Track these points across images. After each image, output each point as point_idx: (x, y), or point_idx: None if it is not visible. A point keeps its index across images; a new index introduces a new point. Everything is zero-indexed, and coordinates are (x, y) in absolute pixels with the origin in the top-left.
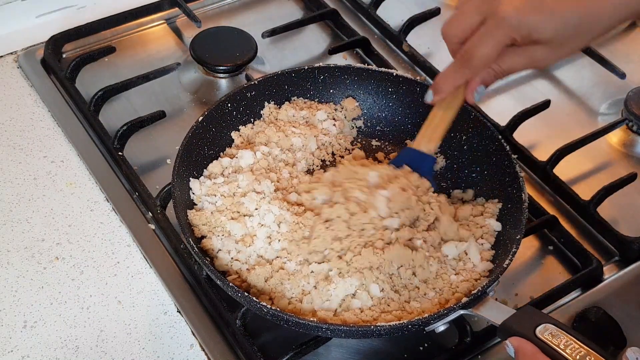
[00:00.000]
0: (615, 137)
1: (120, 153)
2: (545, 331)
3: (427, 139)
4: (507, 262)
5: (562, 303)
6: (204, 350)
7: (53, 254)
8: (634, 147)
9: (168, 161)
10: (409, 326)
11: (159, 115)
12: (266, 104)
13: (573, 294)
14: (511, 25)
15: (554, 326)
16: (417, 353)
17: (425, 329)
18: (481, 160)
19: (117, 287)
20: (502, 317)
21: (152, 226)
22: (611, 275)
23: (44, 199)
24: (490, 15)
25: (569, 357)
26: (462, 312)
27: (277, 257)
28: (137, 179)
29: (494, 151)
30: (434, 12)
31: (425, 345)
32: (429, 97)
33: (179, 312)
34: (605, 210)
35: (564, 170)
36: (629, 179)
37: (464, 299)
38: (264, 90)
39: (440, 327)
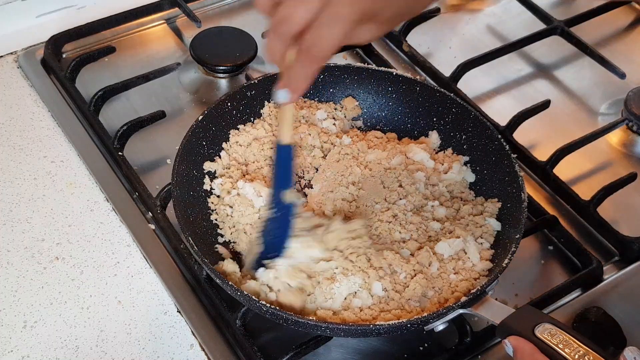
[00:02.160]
0: (615, 137)
1: (120, 153)
2: (544, 330)
3: (290, 133)
4: (506, 261)
5: (562, 303)
6: (204, 350)
7: (53, 254)
8: (634, 147)
9: (168, 161)
10: (408, 325)
11: (159, 115)
12: (266, 103)
13: (573, 294)
14: (346, 21)
15: (552, 325)
16: (417, 353)
17: (425, 328)
18: (481, 160)
19: (117, 287)
20: (501, 316)
21: (152, 226)
22: (611, 275)
23: (44, 199)
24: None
25: (568, 357)
26: (461, 311)
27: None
28: (137, 179)
29: (493, 150)
30: (434, 12)
31: (425, 345)
32: (284, 98)
33: (179, 312)
34: (605, 210)
35: (564, 170)
36: (629, 179)
37: (463, 298)
38: (264, 90)
39: (440, 326)
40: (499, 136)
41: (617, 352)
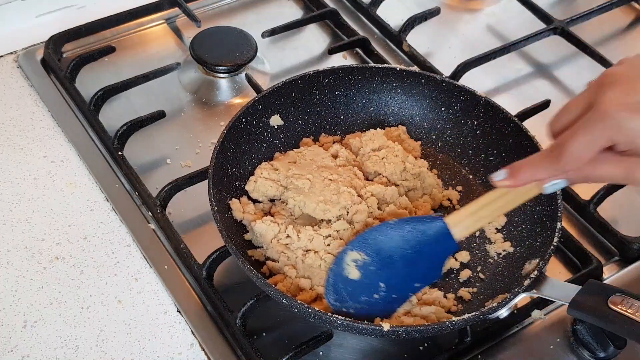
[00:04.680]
0: None
1: (120, 153)
2: (617, 302)
3: (467, 223)
4: (555, 240)
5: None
6: (204, 350)
7: (53, 253)
8: None
9: (168, 161)
10: (481, 316)
11: (159, 115)
12: (273, 116)
13: None
14: (613, 122)
15: (625, 296)
16: (417, 353)
17: (490, 316)
18: (498, 144)
19: (117, 287)
20: (569, 294)
21: (152, 226)
22: (611, 275)
23: (44, 199)
24: (594, 106)
25: None
26: (524, 294)
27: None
28: (137, 179)
29: (510, 133)
30: (434, 12)
31: (425, 345)
32: (499, 177)
33: (179, 312)
34: (605, 210)
35: None
36: None
37: (526, 282)
38: (273, 101)
39: (504, 312)
40: (515, 117)
41: (617, 352)
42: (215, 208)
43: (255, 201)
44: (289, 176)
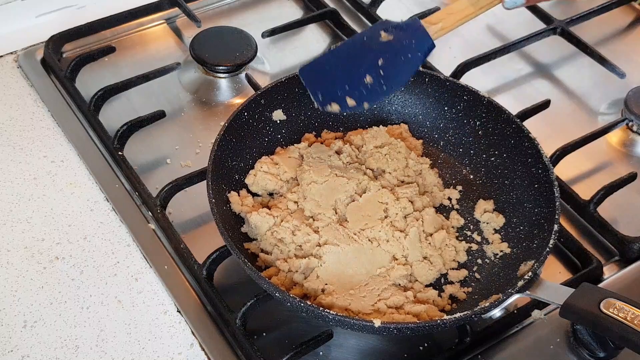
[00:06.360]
0: (615, 137)
1: (120, 153)
2: (609, 306)
3: (440, 25)
4: (551, 242)
5: None
6: (203, 350)
7: (53, 253)
8: (634, 147)
9: (168, 161)
10: (473, 316)
11: (159, 115)
12: (276, 110)
13: None
14: None
15: (617, 300)
16: (417, 353)
17: (482, 316)
18: (499, 144)
19: (117, 287)
20: (562, 296)
21: (152, 226)
22: (611, 275)
23: (44, 199)
24: None
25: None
26: (517, 295)
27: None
28: (137, 178)
29: (511, 134)
30: (434, 12)
31: (425, 345)
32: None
33: (179, 312)
34: (605, 210)
35: (564, 170)
36: (629, 179)
37: (519, 283)
38: (276, 95)
39: (498, 312)
40: (517, 119)
41: (617, 352)
42: (213, 200)
43: (254, 195)
44: (307, 182)
